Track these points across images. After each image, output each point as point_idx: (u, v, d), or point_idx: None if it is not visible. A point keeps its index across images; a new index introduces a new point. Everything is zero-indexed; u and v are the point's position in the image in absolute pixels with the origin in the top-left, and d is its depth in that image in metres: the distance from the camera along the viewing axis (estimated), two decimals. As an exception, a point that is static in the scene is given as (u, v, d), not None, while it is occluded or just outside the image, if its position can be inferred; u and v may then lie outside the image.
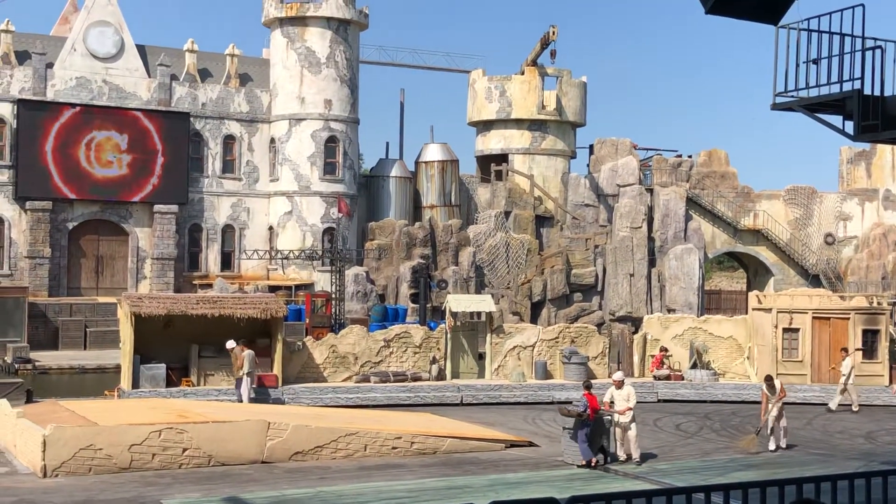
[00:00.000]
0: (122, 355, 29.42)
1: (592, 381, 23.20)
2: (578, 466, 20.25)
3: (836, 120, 12.25)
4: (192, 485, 18.19)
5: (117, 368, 32.78)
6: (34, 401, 26.42)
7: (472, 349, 33.08)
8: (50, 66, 55.58)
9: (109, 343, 45.72)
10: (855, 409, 29.59)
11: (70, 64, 56.00)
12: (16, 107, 54.37)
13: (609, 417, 20.94)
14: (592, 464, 20.28)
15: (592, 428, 20.51)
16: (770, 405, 22.79)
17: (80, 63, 56.15)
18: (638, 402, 29.01)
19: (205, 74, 60.15)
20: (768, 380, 23.41)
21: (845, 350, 30.74)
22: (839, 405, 29.69)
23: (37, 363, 43.08)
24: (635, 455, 20.94)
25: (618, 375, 21.97)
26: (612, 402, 21.22)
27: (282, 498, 17.06)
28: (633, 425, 21.00)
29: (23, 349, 43.73)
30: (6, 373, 40.99)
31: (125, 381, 28.77)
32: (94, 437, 19.16)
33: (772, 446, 22.72)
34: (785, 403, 23.21)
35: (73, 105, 55.35)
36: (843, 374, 29.85)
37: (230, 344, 28.23)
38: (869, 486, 9.73)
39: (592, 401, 20.76)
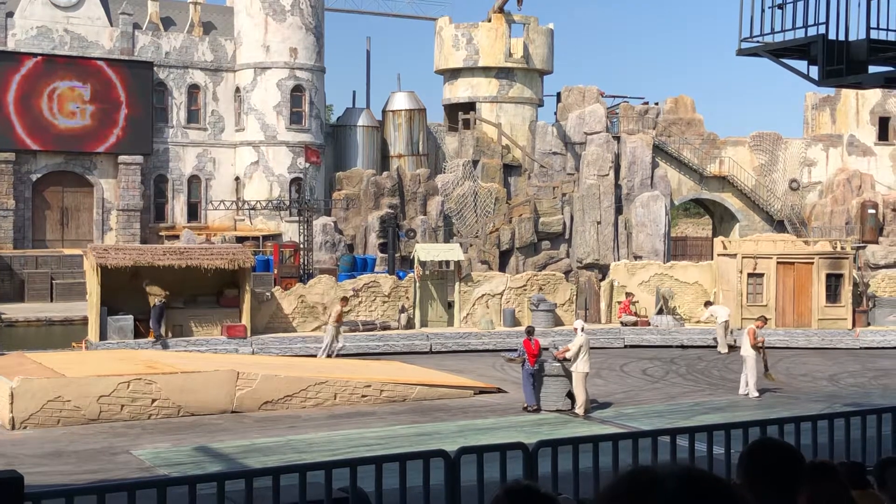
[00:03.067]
0: (90, 307, 29.30)
1: (535, 328, 23.54)
2: (522, 409, 20.68)
3: (800, 65, 12.27)
4: (162, 435, 18.23)
5: (84, 320, 32.65)
6: (1, 353, 26.30)
7: (441, 298, 33.20)
8: (10, 15, 54.62)
9: (76, 295, 45.45)
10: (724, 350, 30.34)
11: (31, 13, 55.06)
12: (-25, 57, 53.47)
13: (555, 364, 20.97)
14: (531, 408, 20.64)
15: (534, 373, 20.82)
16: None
17: (41, 12, 55.21)
18: (605, 348, 29.25)
19: (168, 23, 59.36)
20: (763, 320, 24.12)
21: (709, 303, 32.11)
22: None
23: (3, 316, 42.79)
24: (576, 406, 20.40)
25: (576, 323, 22.07)
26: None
27: (252, 447, 17.13)
28: (574, 375, 20.46)
29: (-12, 302, 43.42)
30: (-28, 326, 40.71)
31: (93, 332, 28.68)
32: (63, 389, 19.13)
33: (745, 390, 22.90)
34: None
35: (34, 55, 54.49)
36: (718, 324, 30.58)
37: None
38: (832, 428, 9.89)
39: (530, 347, 21.06)
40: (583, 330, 21.09)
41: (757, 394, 22.46)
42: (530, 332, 21.92)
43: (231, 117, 59.75)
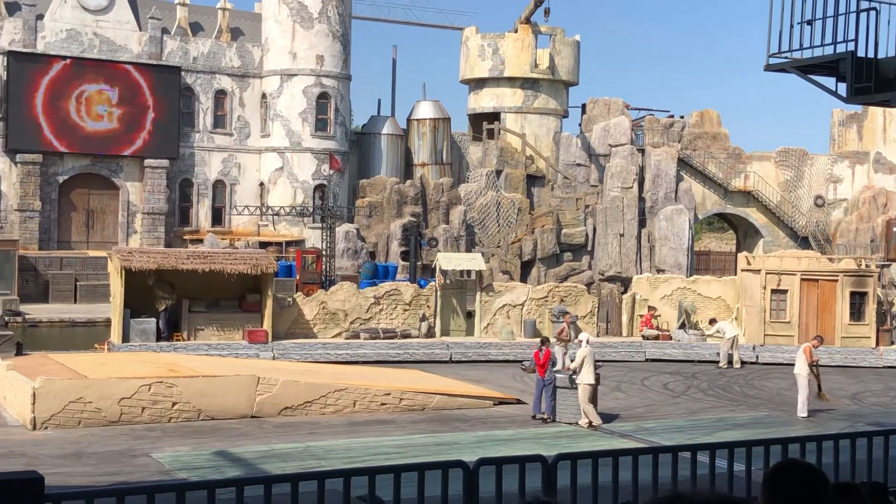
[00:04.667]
0: (113, 309, 29.44)
1: (549, 339, 23.50)
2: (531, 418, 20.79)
3: (829, 82, 12.21)
4: (182, 438, 18.28)
5: (107, 322, 32.80)
6: (24, 353, 26.45)
7: (461, 307, 33.18)
8: (40, 17, 55.08)
9: (99, 297, 45.69)
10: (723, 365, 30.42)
11: (60, 16, 55.50)
12: (6, 59, 53.93)
13: (562, 376, 20.95)
14: (538, 418, 20.78)
15: (544, 383, 20.81)
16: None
17: (71, 15, 55.65)
18: (626, 362, 29.17)
19: (196, 28, 59.69)
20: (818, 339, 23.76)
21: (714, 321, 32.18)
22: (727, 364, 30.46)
23: (27, 316, 43.07)
24: (593, 420, 20.17)
25: (581, 336, 21.97)
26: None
27: (271, 452, 17.15)
28: (579, 387, 20.24)
29: (13, 302, 43.70)
30: (-4, 325, 40.97)
31: (115, 334, 28.81)
32: (84, 390, 19.22)
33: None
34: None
35: (63, 57, 54.91)
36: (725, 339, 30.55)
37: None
38: (854, 448, 9.82)
39: (538, 357, 21.09)
40: (588, 342, 20.88)
41: (806, 413, 21.98)
42: (544, 342, 21.89)
43: (257, 123, 59.99)
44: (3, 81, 53.97)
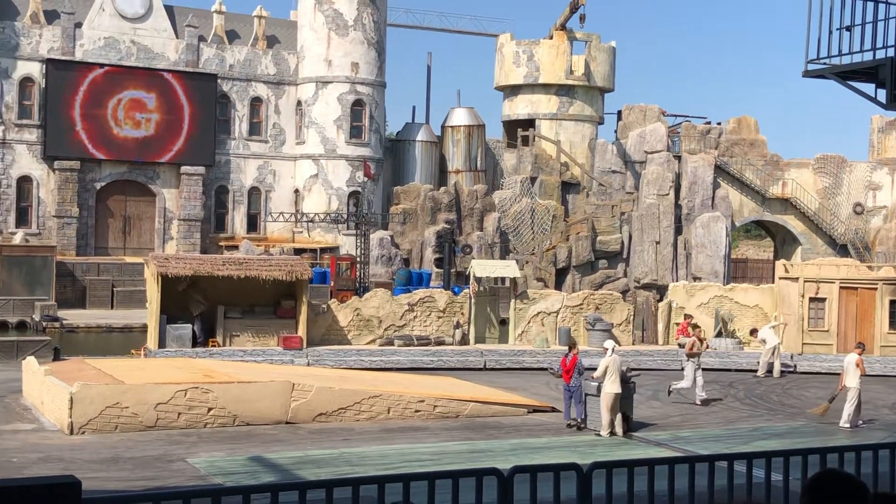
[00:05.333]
0: (149, 315, 29.64)
1: (577, 343, 23.36)
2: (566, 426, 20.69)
3: (868, 88, 12.08)
4: (217, 444, 18.35)
5: (144, 328, 33.03)
6: (61, 359, 26.70)
7: (494, 315, 33.13)
8: (79, 25, 55.67)
9: (136, 303, 46.05)
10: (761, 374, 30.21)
11: (98, 24, 56.06)
12: (44, 66, 54.54)
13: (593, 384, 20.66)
14: (571, 424, 20.65)
15: (571, 389, 20.67)
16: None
17: (109, 23, 56.20)
18: (663, 370, 29.01)
19: (232, 36, 60.10)
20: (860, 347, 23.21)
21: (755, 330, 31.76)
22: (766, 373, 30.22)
23: (64, 321, 43.46)
24: (602, 430, 20.03)
25: (606, 343, 21.61)
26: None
27: (306, 458, 17.18)
28: (602, 395, 20.00)
29: (50, 307, 44.12)
30: (34, 331, 41.40)
31: (152, 340, 29.01)
32: (121, 396, 19.34)
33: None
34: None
35: (101, 65, 55.46)
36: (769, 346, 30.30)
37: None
38: (893, 457, 9.69)
39: (564, 363, 20.96)
40: (613, 351, 20.44)
41: (848, 425, 21.66)
42: (571, 347, 21.73)
43: (292, 130, 60.28)
44: (41, 89, 54.58)
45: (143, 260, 36.97)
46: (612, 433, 19.87)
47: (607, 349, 20.55)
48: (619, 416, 20.00)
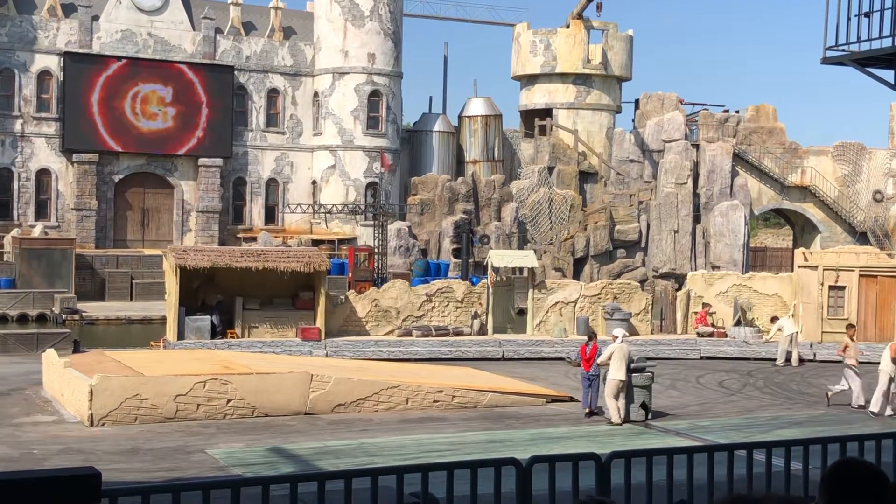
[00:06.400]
0: (168, 307, 29.76)
1: (595, 333, 23.24)
2: (585, 415, 20.70)
3: (887, 74, 12.01)
4: (236, 435, 18.42)
5: (163, 320, 33.16)
6: (81, 351, 26.83)
7: (508, 304, 33.14)
8: (96, 18, 55.84)
9: (155, 295, 46.25)
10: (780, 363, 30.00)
11: (115, 17, 56.22)
12: (62, 59, 54.75)
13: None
14: (586, 412, 20.67)
15: (590, 378, 20.66)
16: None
17: (126, 16, 56.35)
18: (681, 359, 28.90)
19: (249, 27, 60.16)
20: None
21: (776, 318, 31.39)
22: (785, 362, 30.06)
23: (84, 314, 43.69)
24: (611, 417, 20.00)
25: (615, 331, 21.63)
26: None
27: (325, 449, 17.23)
28: (607, 383, 20.09)
29: (70, 300, 44.36)
30: (54, 323, 41.65)
31: (171, 332, 29.11)
32: (140, 387, 19.43)
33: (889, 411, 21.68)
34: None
35: (118, 58, 55.63)
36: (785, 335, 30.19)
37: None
38: (914, 446, 9.64)
39: (584, 352, 20.96)
40: (623, 338, 20.57)
41: (878, 409, 21.57)
42: (591, 337, 21.80)
43: (309, 121, 60.34)
44: (59, 82, 54.79)
45: (161, 252, 37.10)
46: (627, 420, 19.87)
47: (616, 336, 20.68)
48: (622, 402, 20.00)
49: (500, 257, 33.96)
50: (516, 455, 8.47)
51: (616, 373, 19.92)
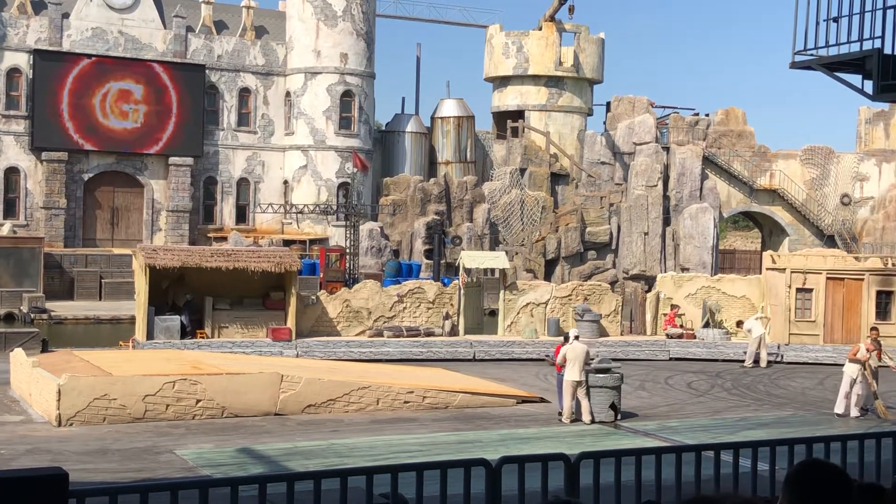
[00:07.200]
0: (137, 306, 29.59)
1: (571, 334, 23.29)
2: (558, 415, 20.76)
3: (855, 79, 12.10)
4: (206, 436, 18.34)
5: (132, 319, 32.97)
6: (49, 350, 26.63)
7: (478, 305, 33.20)
8: (66, 16, 55.43)
9: (124, 294, 45.98)
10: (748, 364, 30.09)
11: (86, 14, 55.83)
12: (32, 57, 54.31)
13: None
14: (558, 414, 20.70)
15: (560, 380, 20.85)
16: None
17: (96, 14, 55.98)
18: (650, 360, 29.07)
19: (220, 26, 59.91)
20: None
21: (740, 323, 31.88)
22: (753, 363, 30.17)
23: (52, 313, 43.36)
24: (563, 417, 20.33)
25: (571, 332, 21.78)
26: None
27: (294, 450, 17.19)
28: (563, 384, 20.43)
29: (38, 299, 44.01)
30: (22, 322, 41.31)
31: (140, 332, 28.96)
32: (109, 387, 19.31)
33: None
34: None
35: (88, 56, 55.24)
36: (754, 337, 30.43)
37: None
38: (879, 447, 9.74)
39: (558, 352, 21.09)
40: (577, 338, 20.82)
41: (841, 410, 21.76)
42: (567, 338, 21.83)
43: (281, 121, 60.17)
44: (29, 80, 54.36)
45: (131, 251, 36.88)
46: (577, 419, 20.09)
47: (570, 338, 20.87)
48: (586, 403, 20.13)
49: (472, 258, 34.02)
50: (486, 456, 8.49)
51: (570, 373, 20.14)
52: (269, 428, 19.26)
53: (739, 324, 31.97)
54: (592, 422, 20.00)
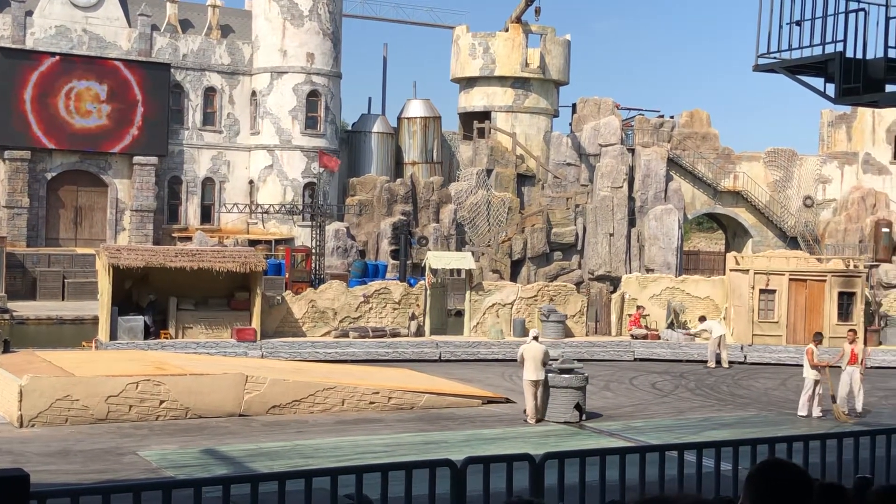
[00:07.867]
0: (100, 307, 29.35)
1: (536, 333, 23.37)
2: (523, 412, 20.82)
3: (817, 82, 12.21)
4: (169, 437, 18.23)
5: (95, 320, 32.70)
6: (11, 351, 26.36)
7: (442, 306, 33.23)
8: (29, 13, 54.89)
9: (87, 294, 45.61)
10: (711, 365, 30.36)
11: (50, 12, 55.32)
12: (-6, 55, 53.72)
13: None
14: (524, 412, 20.73)
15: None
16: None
17: (60, 11, 55.48)
18: (615, 361, 29.17)
19: (186, 25, 59.57)
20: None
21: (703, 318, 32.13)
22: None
23: (14, 313, 42.93)
24: (527, 417, 20.46)
25: (531, 332, 21.96)
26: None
27: (259, 451, 17.12)
28: (523, 384, 20.71)
29: (0, 299, 43.55)
30: (-17, 323, 40.85)
31: (103, 332, 28.73)
32: (71, 388, 19.15)
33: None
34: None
35: (52, 54, 54.73)
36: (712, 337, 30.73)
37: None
38: (840, 447, 9.84)
39: None
40: (536, 339, 20.93)
41: (805, 413, 21.91)
42: (536, 339, 21.88)
43: (246, 121, 59.90)
44: (-9, 78, 53.75)
45: (94, 251, 36.58)
46: (542, 419, 20.17)
47: (527, 337, 20.96)
48: (535, 403, 20.21)
49: (438, 259, 34.03)
50: (451, 456, 8.50)
51: (527, 373, 20.27)
52: (233, 429, 19.18)
53: (702, 319, 32.17)
54: (539, 421, 20.09)
